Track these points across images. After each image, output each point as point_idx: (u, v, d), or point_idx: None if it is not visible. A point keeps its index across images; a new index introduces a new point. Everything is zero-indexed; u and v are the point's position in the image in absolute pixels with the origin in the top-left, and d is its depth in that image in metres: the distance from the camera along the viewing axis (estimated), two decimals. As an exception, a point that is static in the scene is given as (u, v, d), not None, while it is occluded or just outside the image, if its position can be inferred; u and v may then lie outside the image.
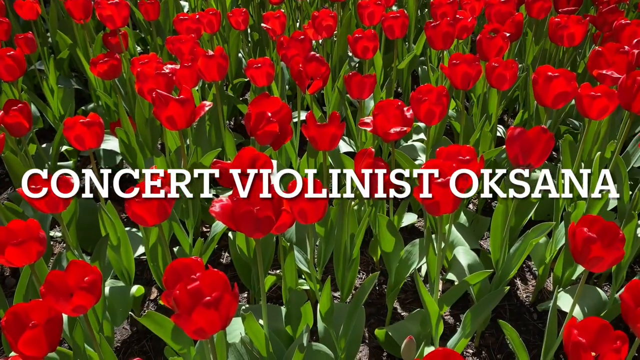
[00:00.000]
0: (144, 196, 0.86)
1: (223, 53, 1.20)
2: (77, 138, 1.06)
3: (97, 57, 1.35)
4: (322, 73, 1.19)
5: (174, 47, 1.41)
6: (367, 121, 1.10)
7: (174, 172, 0.88)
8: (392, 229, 1.14)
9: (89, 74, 1.73)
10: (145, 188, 0.88)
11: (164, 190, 0.86)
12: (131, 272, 1.25)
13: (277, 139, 1.05)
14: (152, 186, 0.87)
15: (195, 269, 0.74)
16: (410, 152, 1.61)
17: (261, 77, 1.36)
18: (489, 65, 1.22)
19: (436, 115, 1.07)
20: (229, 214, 0.77)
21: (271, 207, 0.76)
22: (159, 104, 1.02)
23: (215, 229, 1.28)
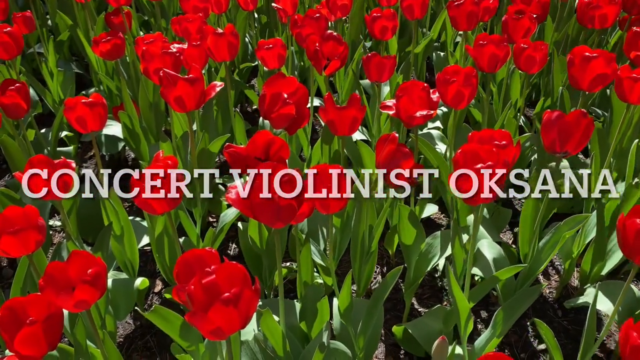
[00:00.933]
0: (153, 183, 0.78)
1: (234, 31, 1.12)
2: (78, 120, 0.99)
3: (100, 36, 1.27)
4: (339, 53, 1.12)
5: (181, 26, 1.33)
6: (389, 104, 1.02)
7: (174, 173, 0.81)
8: (414, 220, 1.07)
9: (91, 56, 1.65)
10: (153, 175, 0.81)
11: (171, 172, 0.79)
12: (135, 263, 1.18)
13: (293, 123, 0.98)
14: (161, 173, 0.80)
15: (209, 261, 0.67)
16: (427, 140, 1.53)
17: (272, 58, 1.29)
18: (517, 47, 1.14)
19: (465, 97, 0.99)
20: (246, 201, 0.70)
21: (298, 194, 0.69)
22: (167, 83, 0.95)
23: (224, 219, 1.21)
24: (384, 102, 1.03)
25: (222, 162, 1.72)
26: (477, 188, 0.72)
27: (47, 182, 0.85)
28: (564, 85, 1.44)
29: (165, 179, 0.78)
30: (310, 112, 0.99)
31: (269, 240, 1.07)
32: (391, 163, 0.95)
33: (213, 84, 0.99)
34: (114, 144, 1.64)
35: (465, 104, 1.01)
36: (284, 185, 0.68)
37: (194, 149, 1.06)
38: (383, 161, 0.96)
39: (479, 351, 0.91)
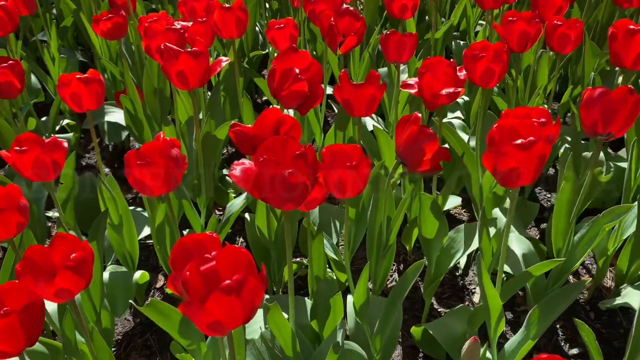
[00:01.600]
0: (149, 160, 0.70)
1: (242, 5, 1.04)
2: (73, 97, 0.91)
3: (100, 14, 1.20)
4: (356, 29, 1.03)
5: (187, 6, 1.25)
6: (410, 82, 0.94)
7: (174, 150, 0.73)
8: (437, 211, 0.98)
9: (94, 41, 1.58)
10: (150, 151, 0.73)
11: (174, 152, 0.70)
12: (134, 255, 1.10)
13: (305, 101, 0.90)
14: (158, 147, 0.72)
15: (210, 246, 0.59)
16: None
17: (284, 39, 1.20)
18: (549, 24, 1.05)
19: (495, 75, 0.90)
20: (253, 179, 0.61)
21: (306, 171, 0.60)
22: (168, 56, 0.87)
23: (231, 209, 1.13)
24: (404, 80, 0.94)
25: (230, 153, 1.64)
26: (515, 167, 0.63)
27: (37, 161, 0.77)
28: (595, 71, 1.34)
29: (164, 156, 0.70)
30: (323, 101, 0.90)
31: (278, 231, 0.98)
32: (413, 146, 0.86)
33: (219, 59, 0.90)
34: (117, 132, 1.56)
35: (495, 82, 0.92)
36: (296, 160, 0.60)
37: (199, 133, 0.98)
38: (404, 144, 0.87)
39: (511, 355, 0.81)
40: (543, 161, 0.63)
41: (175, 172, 0.70)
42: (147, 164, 0.68)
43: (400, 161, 0.88)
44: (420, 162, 0.87)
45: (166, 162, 0.69)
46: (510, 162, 0.62)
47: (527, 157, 0.62)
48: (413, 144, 0.86)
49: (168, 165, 0.69)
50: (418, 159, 0.87)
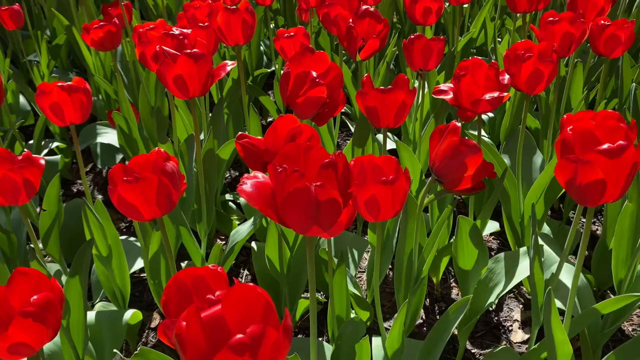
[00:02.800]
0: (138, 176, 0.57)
1: (249, 7, 0.93)
2: (54, 108, 0.78)
3: (91, 23, 1.08)
4: (378, 31, 0.91)
5: (187, 14, 1.14)
6: (444, 88, 0.81)
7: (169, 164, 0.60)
8: (477, 238, 0.84)
9: (87, 58, 1.47)
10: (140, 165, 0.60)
11: (169, 166, 0.57)
12: (126, 292, 0.96)
13: (324, 110, 0.77)
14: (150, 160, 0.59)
15: (213, 284, 0.45)
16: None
17: (294, 49, 1.09)
18: (594, 25, 0.93)
19: (544, 77, 0.77)
20: (267, 196, 0.48)
21: (337, 185, 0.47)
22: (164, 59, 0.75)
23: (235, 238, 0.99)
24: (437, 86, 0.81)
25: (234, 177, 1.51)
26: (601, 179, 0.49)
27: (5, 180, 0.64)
28: (636, 81, 1.22)
29: (156, 171, 0.57)
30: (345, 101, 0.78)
31: (292, 262, 0.84)
32: (453, 161, 0.73)
33: (224, 63, 0.78)
34: (111, 155, 1.44)
35: (543, 87, 0.79)
36: (325, 171, 0.47)
37: (200, 151, 0.85)
38: (441, 159, 0.74)
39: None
40: (634, 171, 0.50)
41: (170, 190, 0.57)
42: (136, 181, 0.54)
43: (437, 179, 0.75)
44: (460, 180, 0.74)
45: (159, 178, 0.55)
46: (596, 172, 0.49)
47: (617, 166, 0.48)
48: (453, 158, 0.73)
49: (162, 182, 0.56)
50: (459, 175, 0.73)
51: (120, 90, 1.15)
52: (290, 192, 0.44)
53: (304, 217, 0.46)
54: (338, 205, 0.46)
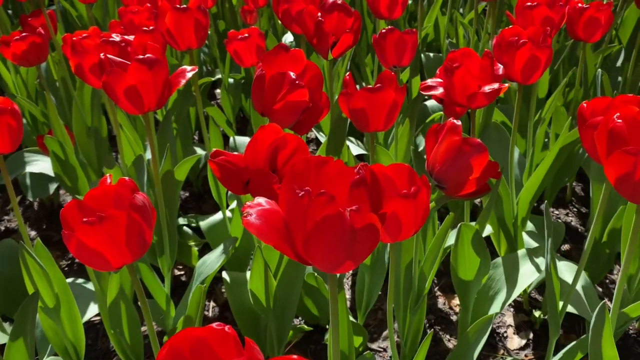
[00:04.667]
0: (101, 216, 0.45)
1: (201, 5, 0.81)
2: (-26, 136, 0.64)
3: (11, 34, 0.93)
4: (350, 27, 0.82)
5: (124, 20, 1.00)
6: (431, 84, 0.73)
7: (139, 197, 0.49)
8: (479, 246, 0.76)
9: (5, 76, 1.29)
10: (100, 200, 0.47)
11: (139, 198, 0.45)
12: (80, 345, 0.81)
13: (307, 116, 0.67)
14: (112, 193, 0.46)
15: (219, 349, 0.34)
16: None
17: (249, 52, 0.98)
18: (572, 9, 0.88)
19: (541, 65, 0.71)
20: (280, 228, 0.37)
21: (369, 207, 0.37)
22: (112, 68, 0.62)
23: (203, 270, 0.87)
24: (424, 82, 0.73)
25: (184, 198, 1.37)
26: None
27: None
28: (600, 66, 1.20)
29: (123, 206, 0.45)
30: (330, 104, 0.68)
31: (277, 292, 0.73)
32: (456, 163, 0.65)
33: (182, 68, 0.66)
34: (44, 185, 1.26)
35: (540, 74, 0.73)
36: (356, 191, 0.37)
37: (158, 172, 0.72)
38: (442, 161, 0.65)
39: None
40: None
41: (143, 229, 0.45)
42: (100, 221, 0.42)
43: (437, 184, 0.67)
44: (464, 184, 0.66)
45: (129, 214, 0.43)
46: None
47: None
48: (455, 160, 0.65)
49: (132, 220, 0.44)
50: (462, 179, 0.65)
51: (51, 110, 1.00)
52: (319, 222, 0.34)
53: (336, 251, 0.35)
54: (376, 232, 0.36)
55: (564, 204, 1.35)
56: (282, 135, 0.60)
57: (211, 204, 1.37)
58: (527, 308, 1.04)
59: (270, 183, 0.59)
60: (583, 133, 0.56)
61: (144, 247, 0.46)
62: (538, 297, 1.07)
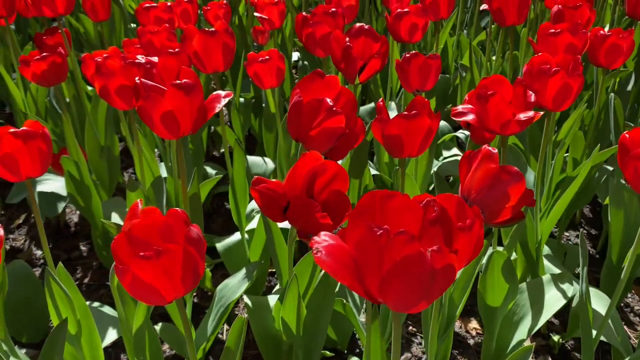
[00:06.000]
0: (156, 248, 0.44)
1: (229, 29, 0.81)
2: (5, 160, 0.63)
3: (30, 54, 0.92)
4: (377, 51, 0.82)
5: (143, 40, 1.00)
6: (463, 110, 0.73)
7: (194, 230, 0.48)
8: (510, 273, 0.76)
9: (15, 93, 1.27)
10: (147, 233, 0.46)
11: (194, 231, 0.44)
12: (99, 373, 0.79)
13: (342, 142, 0.66)
14: (166, 225, 0.45)
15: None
16: (454, 169, 1.25)
17: (269, 74, 0.98)
18: (594, 36, 0.89)
19: (573, 92, 0.71)
20: (350, 265, 0.37)
21: (443, 243, 0.37)
22: (148, 94, 0.61)
23: (224, 294, 0.86)
24: (455, 108, 0.73)
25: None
26: None
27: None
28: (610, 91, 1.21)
29: (177, 239, 0.44)
30: (365, 131, 0.68)
31: (307, 321, 0.72)
32: (493, 191, 0.64)
33: (217, 94, 0.66)
34: (52, 204, 1.25)
35: (570, 102, 0.73)
36: (431, 228, 0.36)
37: (187, 195, 0.71)
38: (478, 189, 0.65)
39: None
40: None
41: (197, 263, 0.44)
42: (157, 256, 0.41)
43: (472, 212, 0.66)
44: (500, 211, 0.65)
45: (185, 248, 0.43)
46: None
47: None
48: (492, 187, 0.64)
49: (188, 254, 0.43)
50: (499, 207, 0.65)
51: (67, 130, 0.99)
52: (399, 262, 0.34)
53: (414, 291, 0.35)
54: (454, 271, 0.35)
55: (573, 226, 1.36)
56: (321, 162, 0.60)
57: (219, 223, 1.35)
58: (544, 332, 1.04)
59: (312, 211, 0.58)
60: (625, 163, 0.56)
61: (197, 280, 0.45)
62: (554, 321, 1.06)
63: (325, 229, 0.59)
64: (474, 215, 0.50)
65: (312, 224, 0.58)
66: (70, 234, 1.35)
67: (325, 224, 0.58)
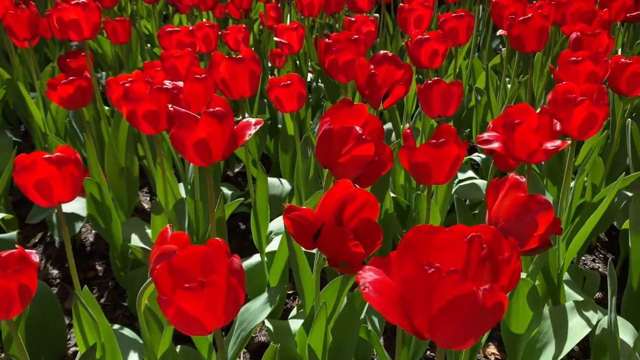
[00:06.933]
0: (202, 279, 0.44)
1: (255, 56, 0.82)
2: (40, 186, 0.63)
3: (57, 78, 0.93)
4: (400, 77, 0.83)
5: (166, 64, 1.01)
6: (489, 138, 0.74)
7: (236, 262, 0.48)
8: (534, 300, 0.76)
9: (36, 114, 1.29)
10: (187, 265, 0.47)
11: (236, 262, 0.45)
12: (122, 397, 0.79)
13: (370, 169, 0.67)
14: (209, 255, 0.46)
15: None
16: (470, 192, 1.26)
17: (290, 98, 0.99)
18: (615, 63, 0.90)
19: (598, 122, 0.72)
20: (396, 301, 0.37)
21: (491, 280, 0.37)
22: (182, 122, 0.62)
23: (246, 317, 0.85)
24: (481, 136, 0.74)
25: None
26: None
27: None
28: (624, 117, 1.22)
29: (220, 270, 0.44)
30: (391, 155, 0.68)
31: (333, 347, 0.72)
32: (521, 219, 0.65)
33: (247, 121, 0.67)
34: (69, 224, 1.25)
35: (596, 131, 0.74)
36: (483, 266, 0.37)
37: (214, 219, 0.72)
38: (506, 217, 0.65)
39: None
40: None
41: (239, 294, 0.44)
42: (202, 287, 0.41)
43: (500, 240, 0.66)
44: (528, 240, 0.66)
45: (228, 279, 0.43)
46: None
47: None
48: (521, 216, 0.65)
49: (231, 285, 0.43)
50: (527, 235, 0.65)
51: (90, 153, 1.00)
52: (450, 300, 0.34)
53: (464, 329, 0.35)
54: (503, 308, 0.36)
55: (589, 250, 1.36)
56: (352, 190, 0.60)
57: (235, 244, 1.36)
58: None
59: (344, 240, 0.58)
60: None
61: (237, 310, 0.45)
62: (575, 348, 1.06)
63: (356, 258, 0.60)
64: (510, 247, 0.50)
65: (343, 252, 0.59)
66: (86, 253, 1.35)
67: (357, 252, 0.58)
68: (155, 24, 1.89)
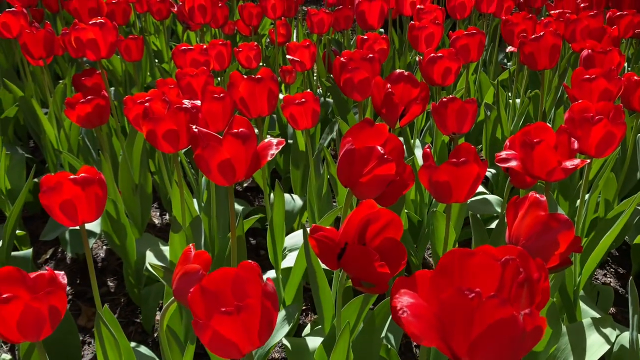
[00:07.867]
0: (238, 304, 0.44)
1: (273, 76, 0.83)
2: (65, 207, 0.64)
3: (74, 97, 0.94)
4: (416, 96, 0.84)
5: (182, 83, 1.02)
6: (507, 156, 0.74)
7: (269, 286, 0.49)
8: (553, 317, 0.76)
9: (49, 131, 1.30)
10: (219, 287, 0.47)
11: (270, 285, 0.45)
12: (141, 417, 0.79)
13: (391, 189, 0.68)
14: (241, 278, 0.46)
15: None
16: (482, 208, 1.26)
17: (305, 116, 0.99)
18: (628, 80, 0.91)
19: (616, 140, 0.73)
20: (434, 324, 0.37)
21: (528, 305, 0.38)
22: (207, 144, 0.63)
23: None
24: (498, 154, 0.75)
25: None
26: None
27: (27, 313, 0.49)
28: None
29: (254, 293, 0.45)
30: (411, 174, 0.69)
31: (353, 365, 0.72)
32: (542, 238, 0.65)
33: (268, 141, 0.67)
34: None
35: (613, 149, 0.74)
36: (520, 290, 0.37)
37: (235, 239, 0.72)
38: (527, 236, 0.66)
39: None
40: None
41: (272, 317, 0.45)
42: (238, 311, 0.42)
43: (520, 258, 0.67)
44: (549, 258, 0.66)
45: (262, 303, 0.43)
46: None
47: None
48: (542, 235, 0.65)
49: (265, 308, 0.43)
50: (548, 254, 0.66)
51: (105, 169, 1.00)
52: (491, 325, 0.34)
53: (504, 353, 0.35)
54: (542, 332, 0.36)
55: (601, 265, 1.36)
56: (375, 210, 0.61)
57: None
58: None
59: (370, 259, 0.59)
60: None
61: (270, 331, 0.46)
62: (590, 364, 1.05)
63: (382, 278, 0.60)
64: (537, 267, 0.51)
65: (368, 272, 0.59)
66: (98, 269, 1.35)
67: (383, 272, 0.58)
68: (163, 40, 1.91)
